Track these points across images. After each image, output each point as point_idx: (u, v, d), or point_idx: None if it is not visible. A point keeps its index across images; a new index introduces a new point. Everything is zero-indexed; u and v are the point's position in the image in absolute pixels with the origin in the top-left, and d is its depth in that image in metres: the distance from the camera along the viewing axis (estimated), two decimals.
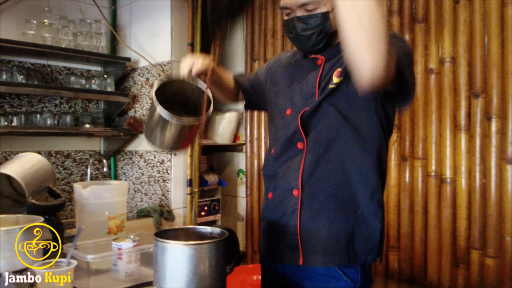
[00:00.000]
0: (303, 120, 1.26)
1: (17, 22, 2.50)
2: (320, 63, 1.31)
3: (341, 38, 1.32)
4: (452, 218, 2.15)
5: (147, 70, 2.73)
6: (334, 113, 1.23)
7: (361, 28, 0.96)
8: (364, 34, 0.96)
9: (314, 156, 1.25)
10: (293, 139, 1.29)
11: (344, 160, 1.23)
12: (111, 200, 1.50)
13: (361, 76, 1.01)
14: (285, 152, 1.32)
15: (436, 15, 2.19)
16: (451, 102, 2.15)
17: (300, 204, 1.26)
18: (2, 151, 2.46)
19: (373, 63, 0.96)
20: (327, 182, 1.24)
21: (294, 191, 1.27)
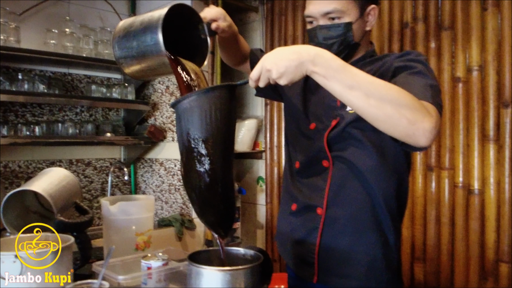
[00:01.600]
0: (329, 139, 1.25)
1: (38, 31, 2.50)
2: None
3: (365, 50, 1.32)
4: (480, 231, 2.10)
5: (167, 78, 2.72)
6: (360, 136, 1.21)
7: (380, 104, 0.96)
8: (388, 106, 0.96)
9: (339, 176, 1.24)
10: (318, 156, 1.27)
11: (370, 184, 1.21)
12: (138, 216, 1.48)
13: (414, 143, 1.00)
14: (309, 167, 1.30)
15: (463, 22, 2.15)
16: (479, 112, 2.10)
17: (322, 223, 1.24)
18: (24, 160, 2.47)
19: (404, 131, 0.97)
20: (351, 204, 1.23)
21: (318, 209, 1.25)
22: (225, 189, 1.04)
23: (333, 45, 1.24)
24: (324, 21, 1.23)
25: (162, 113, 2.76)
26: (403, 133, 0.97)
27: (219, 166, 1.01)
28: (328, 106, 1.28)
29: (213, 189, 1.02)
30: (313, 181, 1.28)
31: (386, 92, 0.96)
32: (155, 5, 2.79)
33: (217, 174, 1.01)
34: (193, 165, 1.00)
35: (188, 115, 0.99)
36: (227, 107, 1.01)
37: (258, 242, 3.00)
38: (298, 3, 2.78)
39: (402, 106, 0.95)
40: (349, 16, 1.22)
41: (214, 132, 0.99)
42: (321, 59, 0.97)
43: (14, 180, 2.43)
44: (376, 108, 0.96)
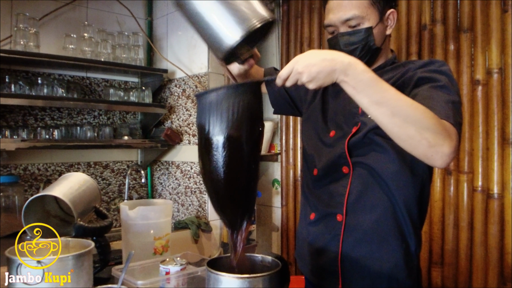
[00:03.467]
0: (350, 145, 1.24)
1: (56, 36, 2.54)
2: None
3: (386, 57, 1.31)
4: (499, 235, 2.07)
5: (184, 81, 2.74)
6: (381, 141, 1.20)
7: (404, 122, 0.96)
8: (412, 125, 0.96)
9: (360, 182, 1.23)
10: (338, 163, 1.27)
11: (391, 190, 1.21)
12: (157, 220, 1.50)
13: (431, 164, 1.02)
14: (329, 174, 1.30)
15: (483, 24, 2.11)
16: (499, 115, 2.07)
17: (343, 230, 1.24)
18: (43, 163, 2.51)
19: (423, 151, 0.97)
20: (372, 211, 1.22)
21: (338, 216, 1.25)
22: (246, 188, 1.01)
23: (355, 51, 1.23)
24: (344, 28, 1.23)
25: (178, 116, 2.78)
26: (422, 154, 0.98)
27: (241, 164, 0.98)
28: (349, 113, 1.28)
29: (233, 186, 0.99)
30: (333, 188, 1.28)
31: (412, 113, 0.97)
32: (171, 9, 2.82)
33: (238, 172, 0.98)
34: (211, 160, 0.97)
35: (213, 108, 0.97)
36: (253, 104, 0.99)
37: (274, 245, 3.00)
38: (314, 5, 2.78)
39: (424, 128, 0.95)
40: (369, 21, 1.22)
41: (240, 127, 0.96)
42: (354, 71, 0.98)
43: (33, 182, 2.47)
44: (399, 127, 0.96)
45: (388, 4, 1.26)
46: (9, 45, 2.35)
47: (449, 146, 0.96)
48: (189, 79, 2.67)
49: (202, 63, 2.61)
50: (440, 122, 0.98)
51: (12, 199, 2.25)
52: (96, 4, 2.73)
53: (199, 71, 2.64)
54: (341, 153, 1.25)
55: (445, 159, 0.97)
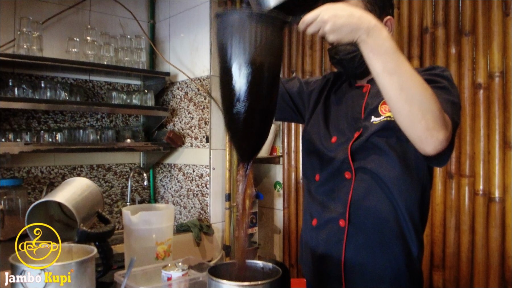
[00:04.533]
0: (352, 150, 1.25)
1: (60, 39, 2.56)
2: (365, 90, 1.31)
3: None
4: (501, 239, 2.07)
5: (186, 84, 2.75)
6: (383, 145, 1.21)
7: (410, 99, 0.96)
8: (415, 105, 0.96)
9: (362, 187, 1.24)
10: (341, 168, 1.27)
11: (393, 194, 1.22)
12: (159, 225, 1.51)
13: (421, 148, 1.01)
14: (331, 180, 1.30)
15: (484, 28, 2.11)
16: (500, 118, 2.07)
17: (346, 235, 1.24)
18: (46, 165, 2.52)
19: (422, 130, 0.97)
20: (374, 215, 1.23)
21: (340, 221, 1.25)
22: (264, 119, 0.98)
23: (354, 58, 1.25)
24: None
25: (180, 119, 2.79)
26: (416, 135, 0.98)
27: (261, 91, 0.95)
28: (352, 118, 1.29)
29: (253, 114, 0.95)
30: (335, 193, 1.28)
31: (420, 92, 0.96)
32: (173, 12, 2.83)
33: (257, 98, 0.95)
34: (233, 85, 0.93)
35: (236, 30, 0.93)
36: (276, 37, 0.95)
37: (275, 247, 3.01)
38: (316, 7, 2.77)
39: (428, 110, 0.96)
40: None
41: (262, 55, 0.92)
42: (377, 34, 0.97)
43: (36, 185, 2.49)
44: (404, 102, 0.96)
45: (384, 12, 1.28)
46: (12, 48, 2.37)
47: (444, 134, 0.97)
48: (191, 82, 2.68)
49: (205, 66, 2.62)
50: (442, 111, 0.99)
51: (16, 202, 2.27)
52: (99, 7, 2.74)
53: (201, 74, 2.65)
54: (344, 158, 1.26)
55: (436, 145, 0.97)
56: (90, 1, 2.70)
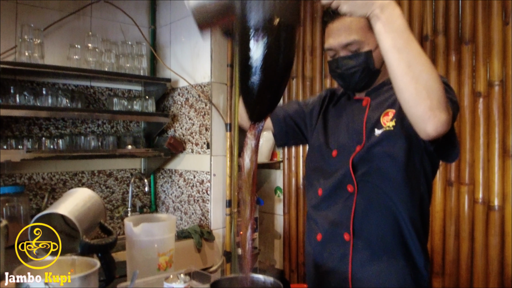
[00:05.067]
0: (354, 163, 1.26)
1: (61, 45, 2.56)
2: (365, 103, 1.32)
3: (384, 77, 1.33)
4: (500, 247, 2.08)
5: (187, 90, 2.75)
6: (384, 156, 1.22)
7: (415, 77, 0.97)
8: (420, 83, 0.96)
9: (365, 200, 1.24)
10: (343, 181, 1.28)
11: (396, 205, 1.23)
12: (161, 236, 1.52)
13: (422, 128, 1.00)
14: (334, 193, 1.31)
15: (484, 36, 2.12)
16: (500, 127, 2.08)
17: (351, 249, 1.25)
18: (48, 172, 2.53)
19: (424, 110, 0.97)
20: (378, 227, 1.23)
21: (345, 235, 1.26)
22: (280, 81, 0.96)
23: (355, 74, 1.26)
24: (344, 52, 1.26)
25: (181, 124, 2.80)
26: (419, 113, 0.97)
27: (279, 49, 0.92)
28: (353, 132, 1.30)
29: (270, 75, 0.93)
30: (338, 207, 1.29)
31: (427, 71, 0.97)
32: (174, 17, 2.84)
33: (276, 61, 0.92)
34: (251, 43, 0.91)
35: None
36: (294, 7, 0.94)
37: (276, 252, 3.02)
38: (316, 14, 2.79)
39: (433, 90, 0.96)
40: (368, 45, 1.25)
41: (281, 14, 0.90)
42: (391, 11, 0.99)
43: (38, 192, 2.50)
44: (411, 79, 0.96)
45: None
46: (14, 55, 2.38)
47: (446, 116, 0.97)
48: (192, 88, 2.69)
49: (205, 72, 2.62)
50: (445, 93, 1.00)
51: (18, 208, 2.27)
52: (100, 13, 2.75)
53: (202, 80, 2.65)
54: (346, 172, 1.26)
55: (438, 126, 0.97)
56: (91, 7, 2.70)
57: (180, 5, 2.82)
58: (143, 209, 2.94)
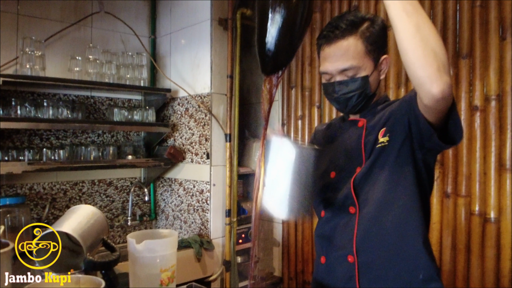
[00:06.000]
0: (355, 184, 1.27)
1: (62, 55, 2.58)
2: (361, 125, 1.33)
3: (377, 97, 1.35)
4: (496, 259, 2.11)
5: (187, 100, 2.77)
6: (383, 173, 1.23)
7: (421, 40, 0.97)
8: (425, 45, 0.97)
9: (367, 220, 1.25)
10: (345, 203, 1.29)
11: (399, 221, 1.22)
12: (164, 253, 1.53)
13: (428, 90, 1.00)
14: (336, 215, 1.32)
15: (481, 51, 2.15)
16: (496, 141, 2.11)
17: (357, 270, 1.25)
18: (48, 182, 2.55)
19: (431, 73, 0.97)
20: (382, 247, 1.23)
21: (349, 257, 1.26)
22: (296, 42, 1.03)
23: (352, 98, 1.28)
24: (341, 77, 1.28)
25: (181, 134, 2.82)
26: (427, 74, 0.97)
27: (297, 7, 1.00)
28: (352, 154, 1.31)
29: (287, 36, 1.01)
30: (341, 229, 1.30)
31: (434, 35, 0.98)
32: (174, 27, 2.86)
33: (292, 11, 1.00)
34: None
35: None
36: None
37: (275, 260, 3.04)
38: (315, 25, 2.81)
39: (439, 53, 0.96)
40: (365, 70, 1.26)
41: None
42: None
43: (39, 201, 2.51)
44: (420, 41, 0.96)
45: (382, 51, 1.31)
46: (15, 66, 2.39)
47: (450, 79, 0.98)
48: (192, 98, 2.71)
49: (206, 83, 2.64)
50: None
51: (19, 219, 2.29)
52: (101, 24, 2.77)
53: (202, 91, 2.68)
54: (347, 193, 1.28)
55: (445, 87, 0.97)
56: (91, 18, 2.72)
57: (180, 15, 2.84)
58: (143, 217, 2.96)
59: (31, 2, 2.48)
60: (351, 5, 2.61)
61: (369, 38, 1.26)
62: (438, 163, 2.26)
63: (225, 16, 2.65)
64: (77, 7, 2.66)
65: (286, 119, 2.95)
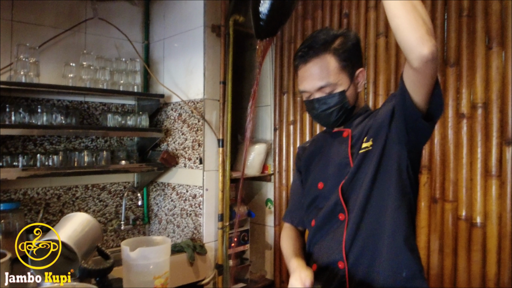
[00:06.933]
0: (343, 191, 1.31)
1: (56, 61, 2.60)
2: (346, 135, 1.38)
3: (358, 108, 1.39)
4: (482, 262, 2.17)
5: (180, 106, 2.81)
6: (367, 177, 1.27)
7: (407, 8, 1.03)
8: (411, 12, 1.02)
9: (354, 225, 1.28)
10: (334, 211, 1.33)
11: (380, 222, 1.26)
12: (157, 260, 1.57)
13: (419, 51, 1.04)
14: (327, 223, 1.36)
15: (468, 60, 2.21)
16: (482, 148, 2.17)
17: (347, 277, 1.28)
18: (42, 187, 2.57)
19: (419, 36, 1.02)
20: (367, 249, 1.27)
21: (339, 263, 1.29)
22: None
23: (332, 114, 1.33)
24: (319, 94, 1.33)
25: (174, 139, 2.85)
26: (418, 36, 1.02)
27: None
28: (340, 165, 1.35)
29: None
30: (331, 236, 1.33)
31: (420, 5, 1.04)
32: (168, 33, 2.89)
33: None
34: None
35: None
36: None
37: (267, 263, 3.09)
38: (306, 31, 2.86)
39: (427, 19, 1.03)
40: (342, 85, 1.32)
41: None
42: None
43: (32, 206, 2.53)
44: (411, 8, 1.02)
45: (357, 65, 1.35)
46: (9, 72, 2.41)
47: (436, 42, 1.04)
48: (185, 104, 2.75)
49: (199, 89, 2.68)
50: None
51: (13, 224, 2.31)
52: (95, 29, 2.79)
53: (195, 96, 2.71)
54: (336, 201, 1.31)
55: (433, 48, 1.02)
56: (85, 24, 2.74)
57: (173, 22, 2.88)
58: (136, 221, 2.99)
59: (25, 8, 2.50)
60: (342, 13, 2.66)
61: (342, 54, 1.31)
62: (426, 168, 2.32)
63: (218, 23, 2.69)
64: (71, 13, 2.69)
65: (278, 124, 2.99)
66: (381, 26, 2.48)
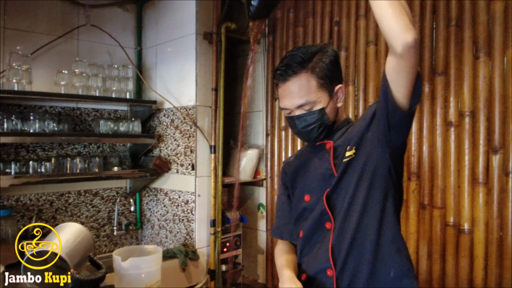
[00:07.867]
0: (327, 200, 1.33)
1: (49, 67, 2.61)
2: (329, 146, 1.40)
3: (339, 122, 1.42)
4: (469, 268, 2.20)
5: (172, 112, 2.82)
6: (351, 184, 1.30)
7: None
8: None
9: (339, 231, 1.31)
10: (321, 220, 1.35)
11: (363, 224, 1.28)
12: (149, 269, 1.60)
13: (403, 38, 1.08)
14: (314, 234, 1.38)
15: (456, 69, 2.24)
16: (470, 156, 2.20)
17: (335, 283, 1.30)
18: (34, 193, 2.58)
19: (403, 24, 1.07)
20: (353, 253, 1.28)
21: (328, 271, 1.31)
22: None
23: (312, 130, 1.36)
24: (299, 111, 1.35)
25: (167, 145, 2.87)
26: (402, 24, 1.07)
27: None
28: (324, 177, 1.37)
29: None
30: (319, 245, 1.35)
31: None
32: (160, 39, 2.90)
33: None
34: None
35: None
36: None
37: (259, 267, 3.11)
38: (298, 38, 2.88)
39: (407, 11, 1.10)
40: (321, 103, 1.34)
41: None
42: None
43: (25, 213, 2.54)
44: (394, 2, 1.08)
45: (336, 82, 1.38)
46: (1, 80, 2.41)
47: (416, 31, 1.09)
48: (177, 110, 2.76)
49: (191, 96, 2.70)
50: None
51: (6, 231, 2.32)
52: (87, 36, 2.80)
53: (187, 103, 2.73)
54: (322, 210, 1.33)
55: (415, 36, 1.07)
56: (78, 31, 2.75)
57: (166, 28, 2.89)
58: (129, 227, 3.00)
59: (17, 15, 2.51)
60: (333, 21, 2.68)
61: (320, 72, 1.34)
62: (415, 175, 2.35)
63: (210, 30, 2.71)
64: (64, 20, 2.70)
65: (270, 130, 3.02)
66: (371, 35, 2.52)
